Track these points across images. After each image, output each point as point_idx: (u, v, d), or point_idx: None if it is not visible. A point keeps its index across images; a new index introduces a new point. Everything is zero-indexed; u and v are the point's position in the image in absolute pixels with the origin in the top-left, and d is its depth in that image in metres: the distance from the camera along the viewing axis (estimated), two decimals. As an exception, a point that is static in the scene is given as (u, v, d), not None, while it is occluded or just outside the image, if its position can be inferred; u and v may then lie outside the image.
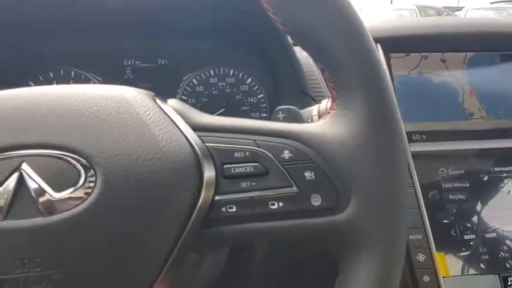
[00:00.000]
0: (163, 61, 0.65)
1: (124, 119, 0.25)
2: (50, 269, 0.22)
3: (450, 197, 0.51)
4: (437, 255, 0.47)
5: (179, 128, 0.27)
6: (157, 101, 0.29)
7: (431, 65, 0.59)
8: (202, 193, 0.26)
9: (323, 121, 0.29)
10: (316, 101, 0.56)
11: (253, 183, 0.26)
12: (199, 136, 0.27)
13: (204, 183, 0.26)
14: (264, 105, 0.65)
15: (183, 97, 0.64)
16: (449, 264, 0.48)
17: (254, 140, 0.27)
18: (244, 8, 0.57)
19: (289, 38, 0.56)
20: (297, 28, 0.28)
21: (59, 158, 0.23)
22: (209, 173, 0.26)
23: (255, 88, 0.65)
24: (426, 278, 0.46)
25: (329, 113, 0.29)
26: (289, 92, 0.58)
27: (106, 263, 0.23)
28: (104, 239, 0.23)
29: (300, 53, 0.59)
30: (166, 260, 0.25)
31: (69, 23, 0.60)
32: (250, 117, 0.65)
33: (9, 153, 0.23)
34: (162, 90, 0.66)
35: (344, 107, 0.28)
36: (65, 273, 0.22)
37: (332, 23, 0.27)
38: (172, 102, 0.29)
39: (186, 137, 0.27)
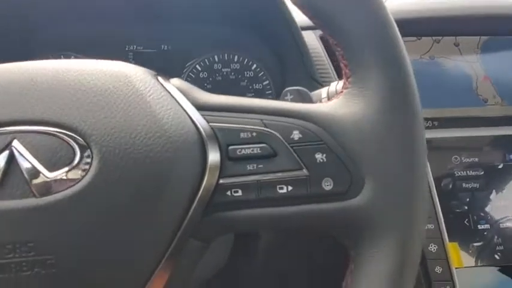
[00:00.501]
0: (166, 46, 0.63)
1: (123, 95, 0.23)
2: (44, 254, 0.21)
3: (463, 185, 0.49)
4: (450, 246, 0.46)
5: (182, 107, 0.25)
6: (160, 79, 0.27)
7: (444, 49, 0.57)
8: (206, 175, 0.24)
9: (336, 100, 0.27)
10: (324, 86, 0.54)
11: (260, 166, 0.25)
12: (203, 116, 0.26)
13: (208, 165, 0.24)
14: (270, 91, 0.63)
15: (186, 83, 0.62)
16: (462, 255, 0.46)
17: (261, 120, 0.26)
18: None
19: (297, 22, 0.54)
20: (308, 1, 0.27)
21: (53, 135, 0.22)
22: (213, 154, 0.25)
23: (260, 74, 0.63)
24: (438, 269, 0.44)
25: (342, 92, 0.27)
26: (296, 78, 0.56)
27: (102, 248, 0.22)
28: (100, 222, 0.22)
29: (308, 38, 0.57)
30: (167, 246, 0.23)
31: (70, 8, 0.58)
32: (255, 104, 0.63)
33: None
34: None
35: (359, 85, 0.26)
36: (59, 258, 0.21)
37: (352, 6, 0.25)
38: (175, 81, 0.28)
39: (189, 116, 0.25)
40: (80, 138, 0.22)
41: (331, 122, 0.25)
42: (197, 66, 0.63)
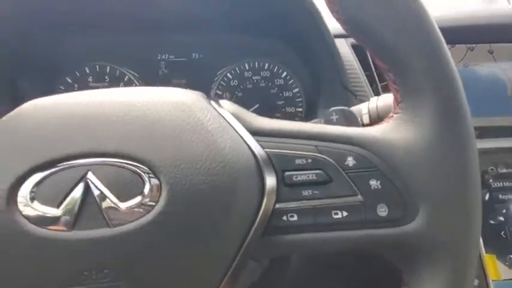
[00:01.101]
0: (197, 55, 0.64)
1: (185, 125, 0.24)
2: (118, 280, 0.22)
3: (500, 196, 0.49)
4: (487, 258, 0.46)
5: (238, 133, 0.26)
6: (213, 103, 0.28)
7: (478, 56, 0.56)
8: (264, 201, 0.25)
9: (386, 125, 0.27)
10: (357, 96, 0.54)
11: (315, 192, 0.25)
12: (258, 141, 0.26)
13: (266, 191, 0.25)
14: (300, 99, 0.63)
15: (217, 92, 0.63)
16: (499, 267, 0.46)
17: (316, 146, 0.26)
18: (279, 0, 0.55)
19: (330, 29, 0.54)
20: (360, 26, 0.27)
21: (124, 167, 0.23)
22: (270, 180, 0.25)
23: (290, 82, 0.63)
24: (475, 282, 0.44)
25: (392, 116, 0.28)
26: (328, 87, 0.56)
27: (172, 271, 0.23)
28: (169, 249, 0.23)
29: (339, 45, 0.57)
30: (229, 266, 0.24)
31: (104, 19, 0.60)
32: (285, 111, 0.63)
33: (74, 161, 0.23)
34: (197, 85, 0.65)
35: (410, 112, 0.26)
36: (133, 284, 0.22)
37: (400, 21, 0.26)
38: (227, 104, 0.29)
39: (246, 142, 0.26)
40: (149, 170, 0.23)
41: (384, 148, 0.26)
42: (228, 74, 0.63)
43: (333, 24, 0.54)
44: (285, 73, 0.63)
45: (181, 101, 0.26)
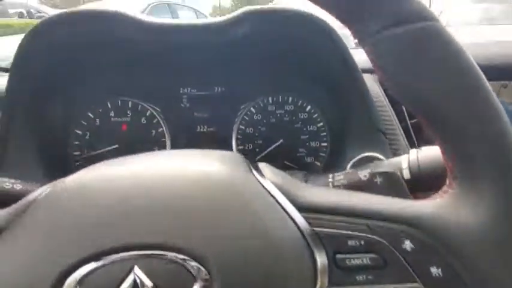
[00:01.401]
0: (220, 89, 0.63)
1: (231, 208, 0.23)
2: None
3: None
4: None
5: (286, 211, 0.25)
6: (255, 174, 0.26)
7: (512, 94, 0.54)
8: (318, 284, 0.24)
9: (441, 200, 0.26)
10: (386, 135, 0.53)
11: (369, 277, 0.24)
12: (305, 218, 0.25)
13: (318, 273, 0.24)
14: (324, 133, 0.62)
15: (241, 126, 0.62)
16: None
17: (367, 225, 0.25)
18: (306, 36, 0.54)
19: (357, 63, 0.53)
20: (420, 101, 0.26)
21: (171, 260, 0.21)
22: (321, 261, 0.24)
23: (314, 116, 0.62)
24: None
25: (447, 191, 0.26)
26: (356, 123, 0.54)
27: None
28: None
29: (368, 79, 0.55)
30: None
31: (126, 54, 0.59)
32: (309, 146, 0.62)
33: (119, 255, 0.21)
34: (220, 119, 0.64)
35: (468, 190, 0.25)
36: None
37: (467, 102, 0.24)
38: (270, 174, 0.27)
39: (294, 221, 0.25)
40: (197, 264, 0.21)
41: (444, 231, 0.24)
42: (251, 108, 0.62)
43: (359, 58, 0.52)
44: (309, 107, 0.62)
45: (223, 175, 0.25)
